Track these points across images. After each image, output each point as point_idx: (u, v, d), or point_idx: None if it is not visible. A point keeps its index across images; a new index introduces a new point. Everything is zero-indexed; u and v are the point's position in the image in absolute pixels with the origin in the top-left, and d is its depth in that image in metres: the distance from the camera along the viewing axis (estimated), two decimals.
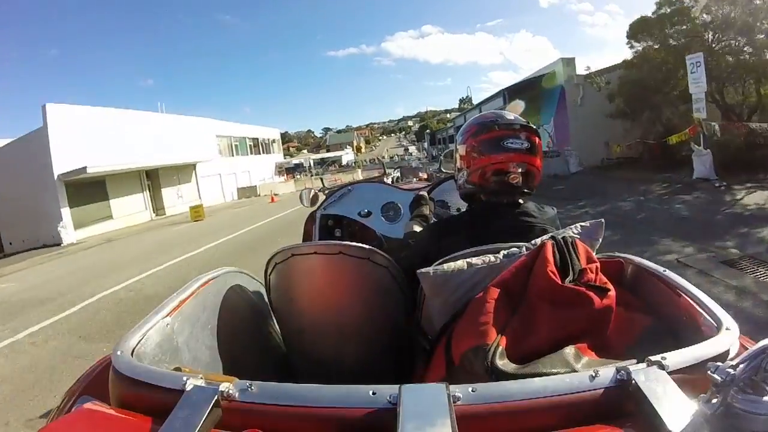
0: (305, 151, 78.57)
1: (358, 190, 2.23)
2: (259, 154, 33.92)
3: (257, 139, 34.34)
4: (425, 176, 4.68)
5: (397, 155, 52.89)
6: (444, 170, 2.83)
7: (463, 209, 1.95)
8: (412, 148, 66.21)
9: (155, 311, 0.80)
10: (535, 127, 1.12)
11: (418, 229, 1.42)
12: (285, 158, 41.01)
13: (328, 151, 76.49)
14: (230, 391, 0.55)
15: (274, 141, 38.35)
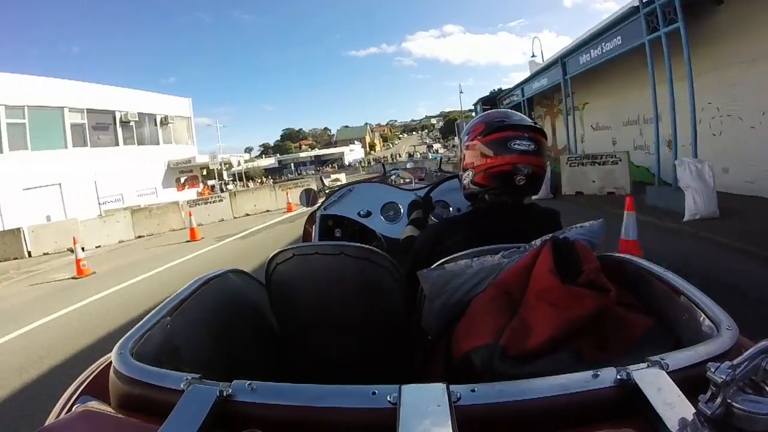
0: (317, 148, 71.26)
1: (358, 190, 2.24)
2: (117, 145, 16.66)
3: (113, 114, 16.51)
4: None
5: (419, 153, 43.86)
6: (444, 170, 2.83)
7: (463, 209, 1.95)
8: (437, 146, 58.61)
9: (156, 311, 0.80)
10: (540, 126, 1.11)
11: (415, 234, 1.42)
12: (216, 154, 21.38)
13: (335, 147, 67.20)
14: (230, 391, 0.55)
15: (167, 120, 19.25)
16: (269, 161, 57.53)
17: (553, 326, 0.71)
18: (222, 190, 20.35)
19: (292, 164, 56.35)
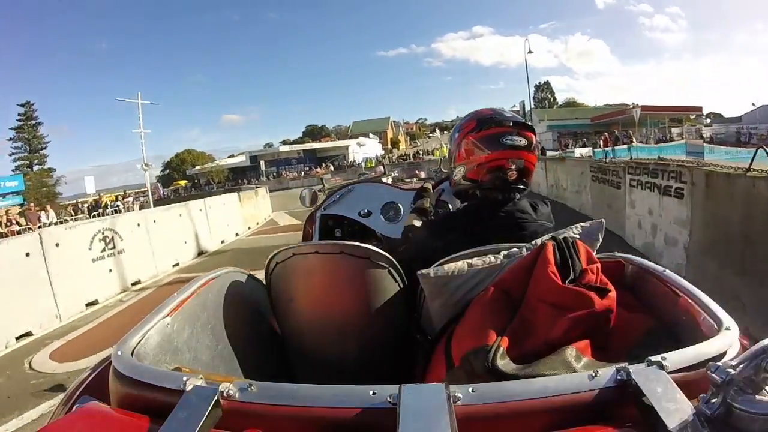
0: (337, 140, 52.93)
1: (358, 190, 2.24)
2: None
3: None
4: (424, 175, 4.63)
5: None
6: (444, 170, 2.84)
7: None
8: None
9: (155, 311, 0.80)
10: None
11: (417, 223, 1.42)
12: None
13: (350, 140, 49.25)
14: (230, 391, 0.55)
15: None
16: (239, 159, 41.27)
17: (554, 327, 0.71)
18: None
19: (262, 162, 39.21)
